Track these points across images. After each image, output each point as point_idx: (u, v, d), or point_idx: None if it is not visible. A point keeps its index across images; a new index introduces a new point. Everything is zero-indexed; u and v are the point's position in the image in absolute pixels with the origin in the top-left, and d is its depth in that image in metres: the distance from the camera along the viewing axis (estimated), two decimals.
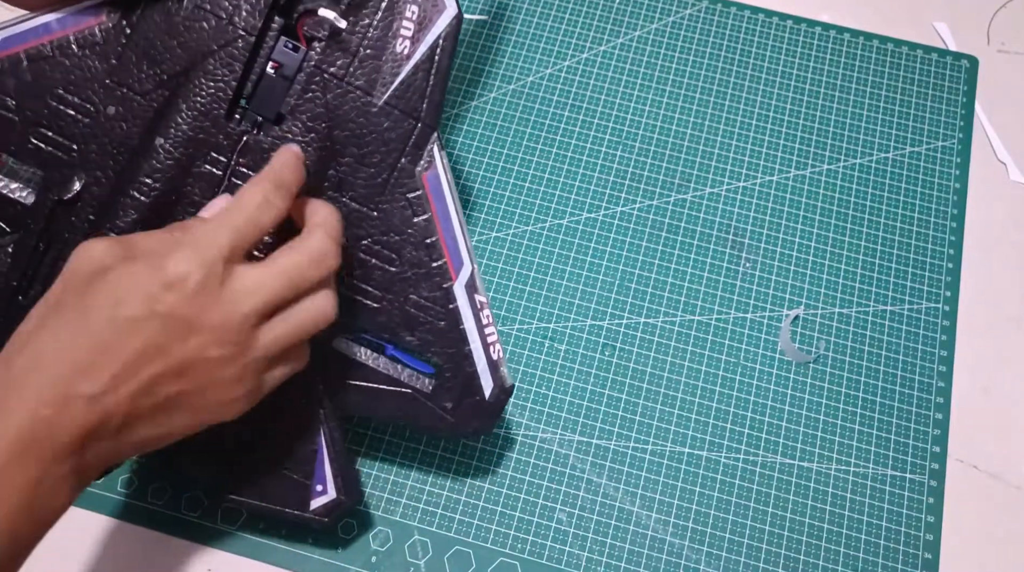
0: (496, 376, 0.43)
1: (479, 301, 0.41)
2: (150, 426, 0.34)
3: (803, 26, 0.65)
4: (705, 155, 0.60)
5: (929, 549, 0.49)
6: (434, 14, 0.40)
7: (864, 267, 0.57)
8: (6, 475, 0.30)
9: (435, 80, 0.40)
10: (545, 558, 0.47)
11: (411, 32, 0.39)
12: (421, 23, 0.40)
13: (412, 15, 0.39)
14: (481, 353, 0.42)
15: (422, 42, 0.39)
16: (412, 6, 0.39)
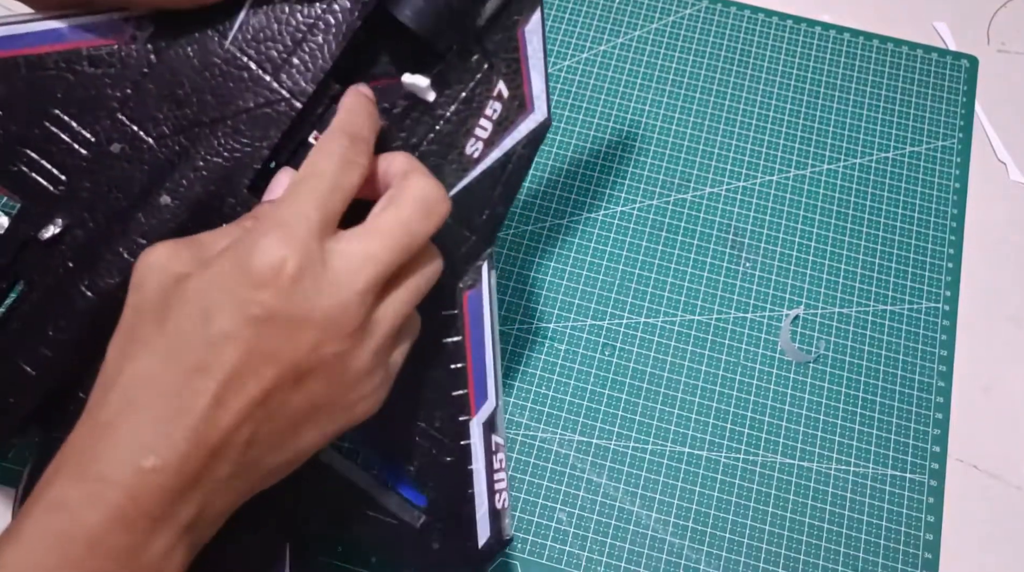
0: (496, 526, 0.37)
1: (496, 442, 0.36)
2: (276, 452, 0.28)
3: (803, 26, 0.65)
4: (705, 155, 0.60)
5: (929, 549, 0.49)
6: (518, 116, 0.33)
7: (864, 267, 0.57)
8: (105, 544, 0.25)
9: (501, 192, 0.34)
10: (545, 558, 0.47)
11: (487, 134, 0.33)
12: (501, 124, 0.33)
13: (493, 114, 0.33)
14: (484, 499, 0.36)
15: (497, 146, 0.33)
16: (496, 103, 0.33)
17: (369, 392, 0.30)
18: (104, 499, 0.25)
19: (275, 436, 0.28)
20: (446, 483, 0.36)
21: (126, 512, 0.25)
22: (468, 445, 0.35)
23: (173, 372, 0.27)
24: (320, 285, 0.27)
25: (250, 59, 0.32)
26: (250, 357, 0.27)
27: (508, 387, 0.52)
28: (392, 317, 0.30)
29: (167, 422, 0.26)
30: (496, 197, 0.34)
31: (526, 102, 0.33)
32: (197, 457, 0.26)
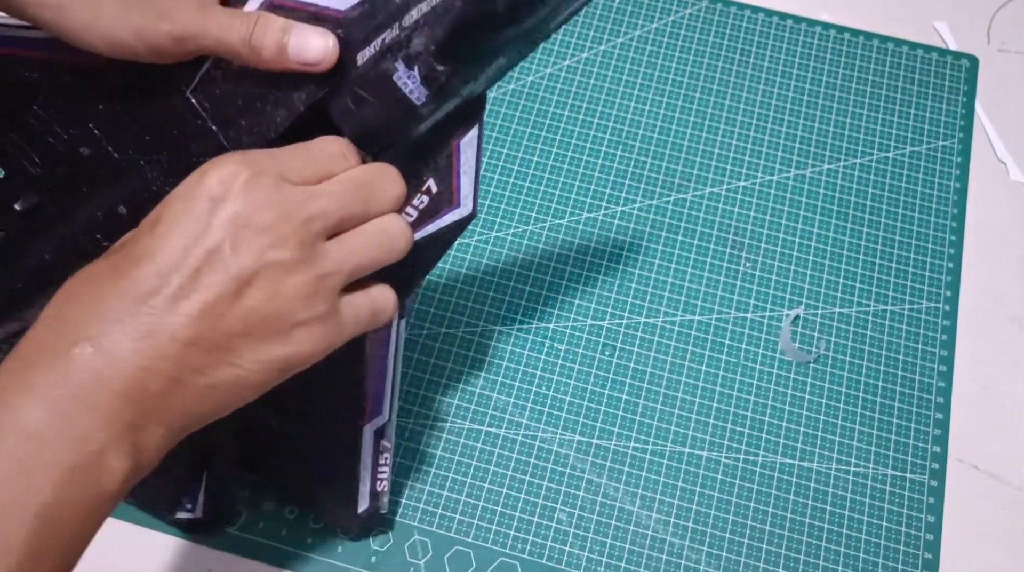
0: (374, 502, 0.44)
1: (383, 445, 0.42)
2: (212, 369, 0.29)
3: (803, 26, 0.65)
4: (705, 155, 0.60)
5: (929, 549, 0.49)
6: (444, 209, 0.36)
7: (864, 267, 0.57)
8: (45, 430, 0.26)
9: (416, 269, 0.37)
10: (545, 558, 0.47)
11: (411, 219, 0.36)
12: (426, 212, 0.36)
13: (420, 204, 0.36)
14: (368, 482, 0.43)
15: (419, 229, 0.36)
16: (423, 196, 0.35)
17: (307, 320, 0.30)
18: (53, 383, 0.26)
19: (213, 349, 0.28)
20: (341, 462, 0.42)
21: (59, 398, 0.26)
22: (359, 442, 0.41)
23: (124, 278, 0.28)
24: (270, 197, 0.29)
25: (205, 111, 0.35)
26: (200, 262, 0.28)
27: (508, 387, 0.52)
28: (346, 254, 0.31)
29: (115, 321, 0.27)
30: (413, 271, 0.37)
31: (454, 198, 0.36)
32: (138, 355, 0.27)
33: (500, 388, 0.52)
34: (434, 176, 0.36)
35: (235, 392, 0.30)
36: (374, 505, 0.44)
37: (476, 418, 0.51)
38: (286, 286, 0.29)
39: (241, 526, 0.47)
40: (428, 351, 0.53)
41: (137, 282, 0.28)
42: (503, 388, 0.52)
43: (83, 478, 0.26)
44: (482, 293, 0.54)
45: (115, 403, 0.26)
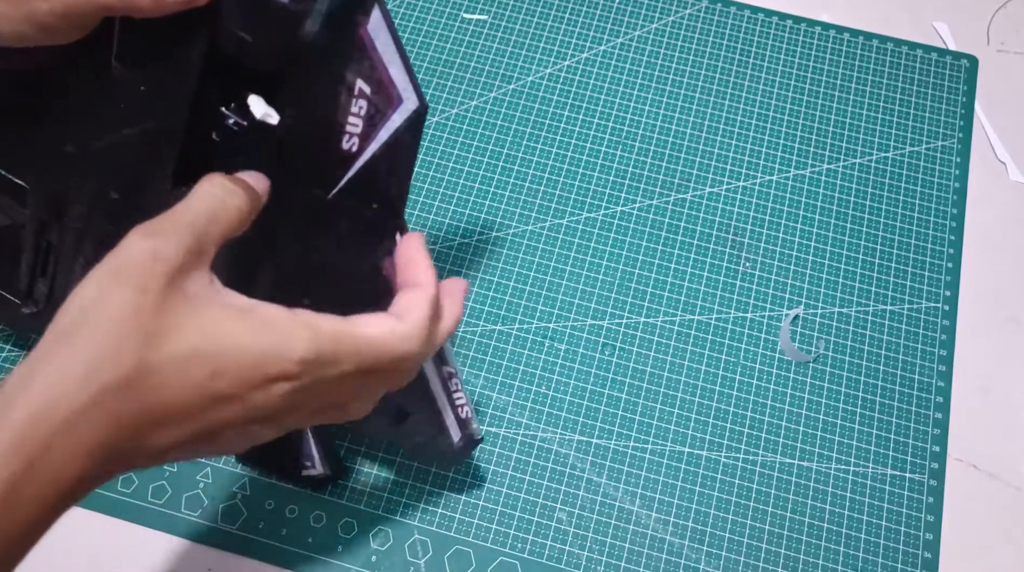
0: (464, 430, 0.44)
1: (447, 372, 0.42)
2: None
3: (803, 26, 0.66)
4: (705, 155, 0.60)
5: (929, 548, 0.49)
6: (388, 109, 0.34)
7: (864, 267, 0.57)
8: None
9: (392, 178, 0.35)
10: (545, 557, 0.48)
11: (359, 129, 0.34)
12: (372, 119, 0.34)
13: (360, 110, 0.34)
14: (449, 412, 0.43)
15: (373, 139, 0.34)
16: (360, 100, 0.34)
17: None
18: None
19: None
20: (417, 406, 0.43)
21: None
22: (424, 380, 0.41)
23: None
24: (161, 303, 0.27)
25: (129, 71, 0.35)
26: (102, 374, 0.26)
27: (508, 387, 0.52)
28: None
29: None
30: (388, 183, 0.35)
31: (391, 96, 0.34)
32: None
33: (500, 388, 0.52)
34: (359, 76, 0.34)
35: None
36: (466, 433, 0.44)
37: (476, 418, 0.51)
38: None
39: (241, 526, 0.48)
40: None
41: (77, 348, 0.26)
42: (503, 388, 0.52)
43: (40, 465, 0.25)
44: (482, 293, 0.54)
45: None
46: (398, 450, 0.50)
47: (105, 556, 0.47)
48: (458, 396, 0.43)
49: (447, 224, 0.57)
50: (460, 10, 0.65)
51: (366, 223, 0.36)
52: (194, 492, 0.48)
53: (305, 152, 0.35)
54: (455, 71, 0.62)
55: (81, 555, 0.47)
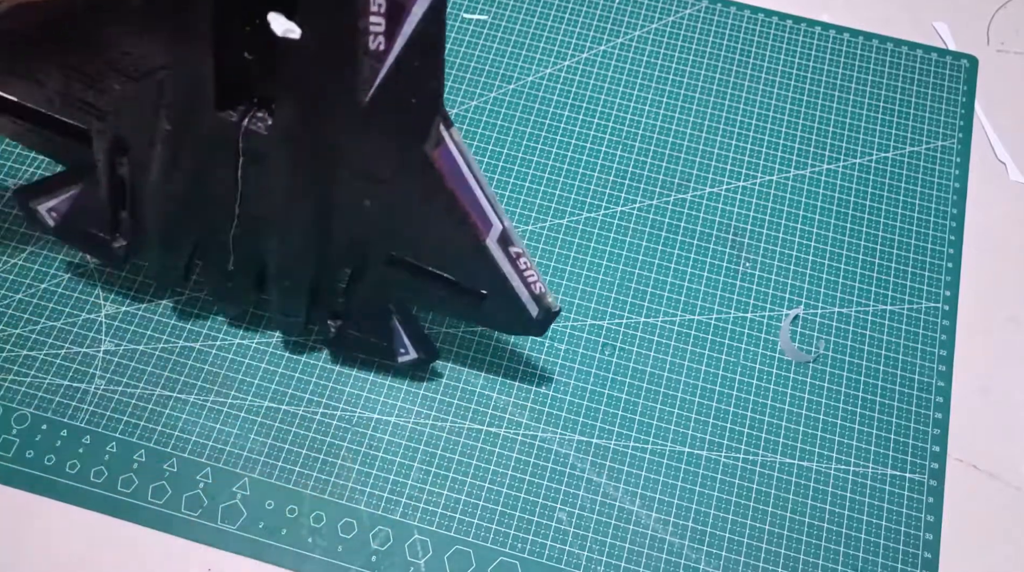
0: (541, 304, 0.46)
1: (515, 252, 0.43)
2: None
3: (803, 26, 0.66)
4: (705, 155, 0.60)
5: (929, 548, 0.49)
6: (408, 2, 0.34)
7: (864, 267, 0.57)
8: None
9: (425, 71, 0.36)
10: (545, 557, 0.48)
11: (382, 28, 0.34)
12: (391, 14, 0.34)
13: (379, 8, 0.34)
14: (523, 289, 0.44)
15: (399, 35, 0.35)
16: (376, 2, 0.34)
17: None
18: None
19: None
20: (490, 285, 0.44)
21: None
22: (492, 259, 0.43)
23: None
24: None
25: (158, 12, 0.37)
26: None
27: (508, 387, 0.52)
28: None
29: None
30: (422, 75, 0.36)
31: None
32: None
33: (500, 388, 0.52)
34: None
35: None
36: (543, 307, 0.46)
37: (476, 418, 0.51)
38: None
39: (241, 526, 0.48)
40: None
41: None
42: (503, 388, 0.52)
43: None
44: None
45: None
46: (398, 450, 0.50)
47: (105, 556, 0.47)
48: (529, 274, 0.44)
49: None
50: (460, 10, 0.65)
51: (409, 119, 0.37)
52: (194, 492, 0.48)
53: (336, 59, 0.36)
54: (455, 71, 0.62)
55: (80, 555, 0.47)
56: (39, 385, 0.51)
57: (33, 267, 0.54)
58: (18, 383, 0.51)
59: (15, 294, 0.53)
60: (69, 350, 0.52)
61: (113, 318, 0.53)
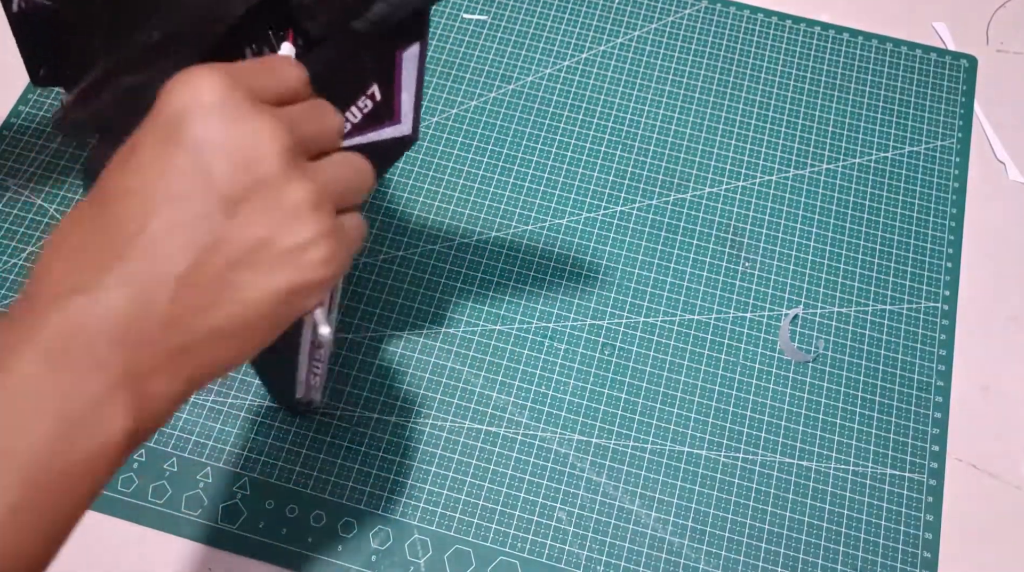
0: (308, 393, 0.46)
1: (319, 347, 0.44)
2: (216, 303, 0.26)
3: (803, 26, 0.66)
4: (705, 155, 0.60)
5: (928, 548, 0.49)
6: (386, 120, 0.37)
7: (863, 266, 0.57)
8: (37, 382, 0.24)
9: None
10: (545, 557, 0.48)
11: (356, 120, 0.37)
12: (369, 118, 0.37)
13: (364, 107, 0.37)
14: (304, 372, 0.45)
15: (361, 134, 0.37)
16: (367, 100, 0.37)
17: (315, 238, 0.27)
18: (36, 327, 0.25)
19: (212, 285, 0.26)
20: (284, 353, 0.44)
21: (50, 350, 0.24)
22: (300, 335, 0.43)
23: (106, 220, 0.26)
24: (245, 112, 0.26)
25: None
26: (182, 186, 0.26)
27: (508, 387, 0.52)
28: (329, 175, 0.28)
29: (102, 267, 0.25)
30: None
31: (395, 112, 0.37)
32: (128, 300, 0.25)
33: (500, 388, 0.52)
34: (377, 82, 0.37)
35: (244, 333, 0.27)
36: (308, 395, 0.46)
37: (476, 417, 0.51)
38: (284, 201, 0.26)
39: (241, 526, 0.48)
40: (428, 351, 0.53)
41: (121, 222, 0.26)
42: (503, 388, 0.52)
43: (78, 428, 0.24)
44: (482, 293, 0.55)
45: (107, 352, 0.25)
46: (398, 450, 0.50)
47: (105, 556, 0.47)
48: (316, 366, 0.45)
49: (447, 224, 0.57)
50: (460, 10, 0.65)
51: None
52: (194, 492, 0.48)
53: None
54: (455, 71, 0.62)
55: (80, 555, 0.47)
56: None
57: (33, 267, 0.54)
58: None
59: (15, 294, 0.53)
60: None
61: None
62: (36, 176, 0.57)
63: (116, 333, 0.25)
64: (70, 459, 0.24)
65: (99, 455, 0.25)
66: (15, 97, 0.60)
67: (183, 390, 0.27)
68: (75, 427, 0.24)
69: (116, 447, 0.25)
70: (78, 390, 0.24)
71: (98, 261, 0.25)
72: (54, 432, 0.24)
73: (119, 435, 0.25)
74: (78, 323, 0.25)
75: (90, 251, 0.26)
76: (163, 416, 0.26)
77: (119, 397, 0.25)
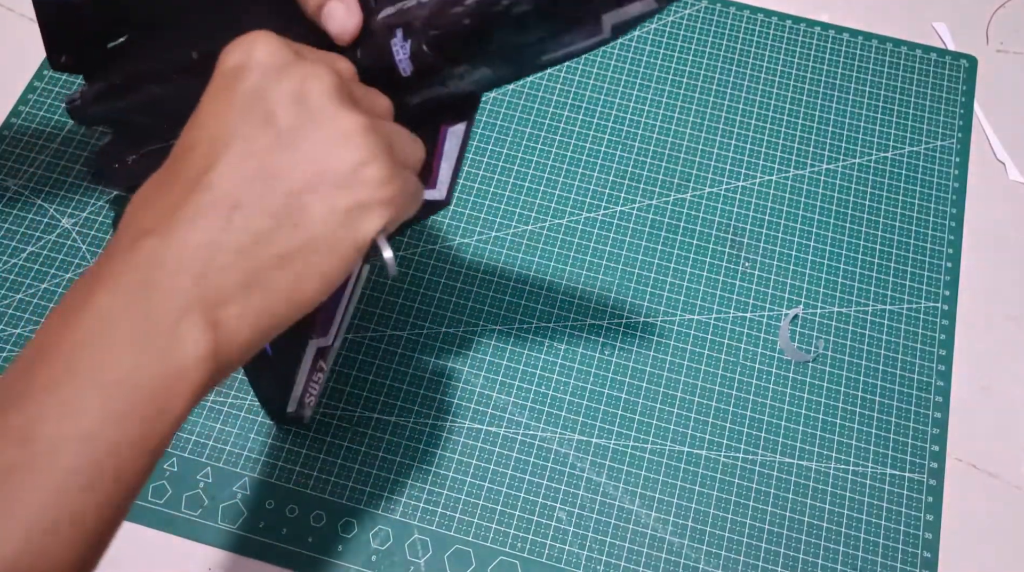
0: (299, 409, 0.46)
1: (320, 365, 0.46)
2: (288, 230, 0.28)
3: (803, 26, 0.66)
4: (705, 155, 0.60)
5: (928, 548, 0.49)
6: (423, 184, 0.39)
7: (863, 266, 0.57)
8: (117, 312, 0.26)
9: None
10: (545, 556, 0.48)
11: None
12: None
13: None
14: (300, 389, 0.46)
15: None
16: None
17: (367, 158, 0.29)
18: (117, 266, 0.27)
19: (278, 212, 0.28)
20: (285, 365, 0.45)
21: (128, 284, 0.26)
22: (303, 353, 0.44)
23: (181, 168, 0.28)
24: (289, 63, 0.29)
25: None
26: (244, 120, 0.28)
27: (508, 387, 0.52)
28: (377, 109, 0.31)
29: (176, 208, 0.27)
30: None
31: (432, 178, 0.38)
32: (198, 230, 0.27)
33: (500, 388, 0.52)
34: None
35: (309, 259, 0.28)
36: (299, 412, 0.47)
37: (476, 417, 0.51)
38: (336, 127, 0.28)
39: (241, 526, 0.48)
40: (428, 351, 0.53)
41: (189, 168, 0.28)
42: (503, 388, 0.52)
43: (155, 353, 0.26)
44: (482, 293, 0.55)
45: (180, 281, 0.26)
46: (398, 450, 0.50)
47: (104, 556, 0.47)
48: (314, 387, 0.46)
49: (447, 224, 0.57)
50: None
51: None
52: (194, 492, 0.48)
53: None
54: None
55: None
56: None
57: (33, 267, 0.54)
58: None
59: (15, 294, 0.53)
60: None
61: None
62: (36, 176, 0.57)
63: (187, 263, 0.26)
64: (151, 378, 0.25)
65: (177, 377, 0.26)
66: (15, 97, 0.60)
67: (254, 325, 0.28)
68: (152, 348, 0.25)
69: (194, 371, 0.26)
70: (154, 315, 0.26)
71: (170, 205, 0.27)
72: (132, 352, 0.25)
73: (194, 359, 0.26)
74: (153, 259, 0.26)
75: (163, 199, 0.28)
76: (237, 350, 0.27)
77: (193, 321, 0.26)
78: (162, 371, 0.26)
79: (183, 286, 0.26)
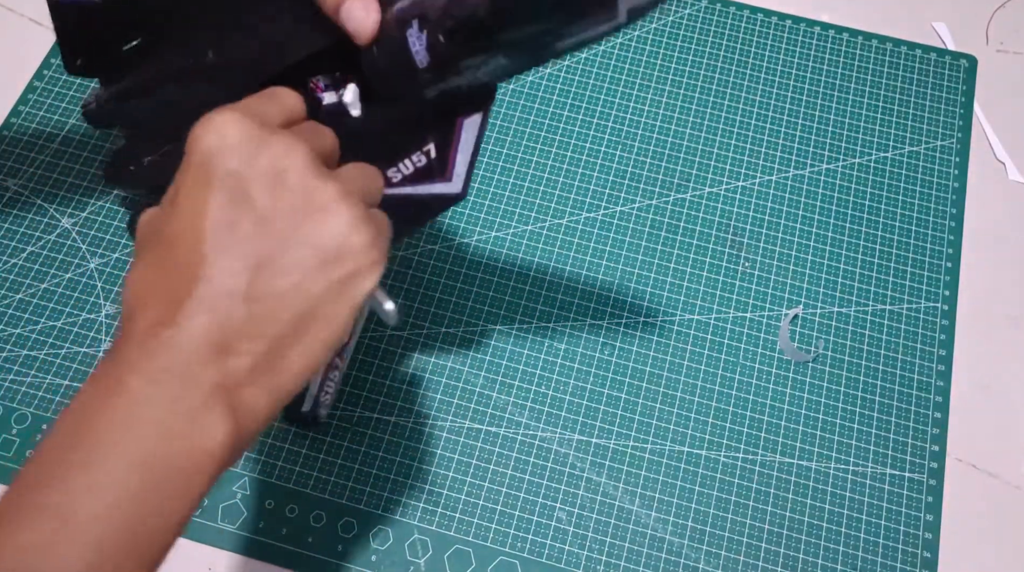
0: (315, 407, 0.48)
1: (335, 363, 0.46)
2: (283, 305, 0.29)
3: (803, 26, 0.66)
4: (705, 155, 0.60)
5: (928, 548, 0.49)
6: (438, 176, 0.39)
7: (863, 266, 0.57)
8: (147, 398, 0.27)
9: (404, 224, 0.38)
10: (545, 556, 0.48)
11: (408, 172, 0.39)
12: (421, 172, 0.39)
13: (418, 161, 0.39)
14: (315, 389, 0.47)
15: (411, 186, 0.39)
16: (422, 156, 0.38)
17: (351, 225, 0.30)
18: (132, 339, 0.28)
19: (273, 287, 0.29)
20: None
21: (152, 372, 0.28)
22: None
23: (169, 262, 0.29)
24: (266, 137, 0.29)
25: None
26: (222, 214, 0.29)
27: (508, 387, 0.52)
28: (347, 177, 0.31)
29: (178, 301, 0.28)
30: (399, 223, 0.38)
31: (447, 171, 0.39)
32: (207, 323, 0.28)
33: (500, 388, 0.52)
34: (435, 142, 0.38)
35: (315, 332, 0.30)
36: (315, 410, 0.48)
37: (476, 417, 0.51)
38: (316, 201, 0.29)
39: (241, 525, 0.48)
40: (428, 351, 0.53)
41: (180, 260, 0.29)
42: (503, 388, 0.52)
43: (181, 435, 0.27)
44: (482, 293, 0.55)
45: (198, 370, 0.28)
46: (398, 450, 0.50)
47: None
48: (329, 384, 0.47)
49: (447, 224, 0.57)
50: None
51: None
52: None
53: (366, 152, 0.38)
54: None
55: None
56: (39, 385, 0.51)
57: (33, 267, 0.54)
58: (18, 383, 0.51)
59: (15, 294, 0.53)
60: (69, 350, 0.52)
61: (113, 318, 0.53)
62: (36, 176, 0.57)
63: (203, 352, 0.28)
64: (177, 461, 0.27)
65: (202, 456, 0.28)
66: (15, 97, 0.60)
67: (269, 401, 0.30)
68: (177, 433, 0.27)
69: (218, 450, 0.28)
70: (175, 401, 0.28)
71: (173, 296, 0.29)
72: (160, 436, 0.27)
73: (218, 443, 0.28)
74: (171, 351, 0.28)
75: (164, 290, 0.29)
76: (255, 425, 0.29)
77: (214, 407, 0.28)
78: (187, 451, 0.28)
79: (202, 377, 0.28)
